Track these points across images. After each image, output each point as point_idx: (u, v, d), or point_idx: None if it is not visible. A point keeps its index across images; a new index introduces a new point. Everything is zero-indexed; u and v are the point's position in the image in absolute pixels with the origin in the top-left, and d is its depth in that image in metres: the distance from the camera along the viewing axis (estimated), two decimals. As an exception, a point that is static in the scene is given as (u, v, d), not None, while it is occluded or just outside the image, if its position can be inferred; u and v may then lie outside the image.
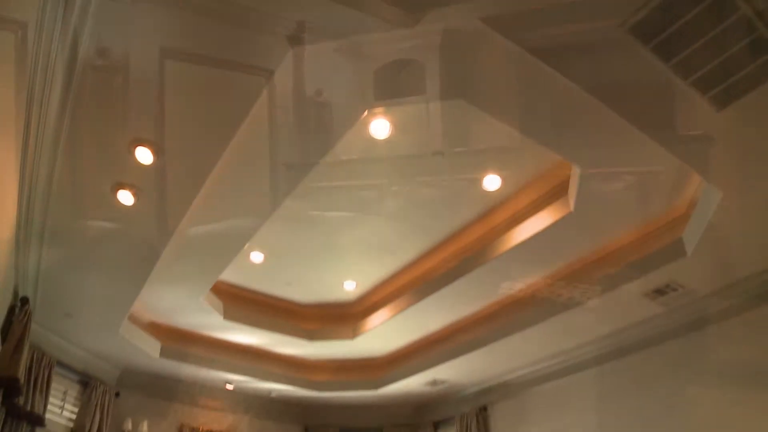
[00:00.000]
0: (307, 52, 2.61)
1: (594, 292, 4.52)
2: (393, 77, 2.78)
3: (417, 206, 4.58)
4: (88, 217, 3.84)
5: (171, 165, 3.32)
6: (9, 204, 3.15)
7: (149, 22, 2.48)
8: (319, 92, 2.92)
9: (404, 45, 2.58)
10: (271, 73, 2.70)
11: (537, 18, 2.38)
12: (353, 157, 3.92)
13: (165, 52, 2.62)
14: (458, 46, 2.57)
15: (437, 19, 2.42)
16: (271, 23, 2.45)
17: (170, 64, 2.67)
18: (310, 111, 3.05)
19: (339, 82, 2.87)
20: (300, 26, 2.47)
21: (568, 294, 4.64)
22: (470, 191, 4.39)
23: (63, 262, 4.31)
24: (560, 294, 4.69)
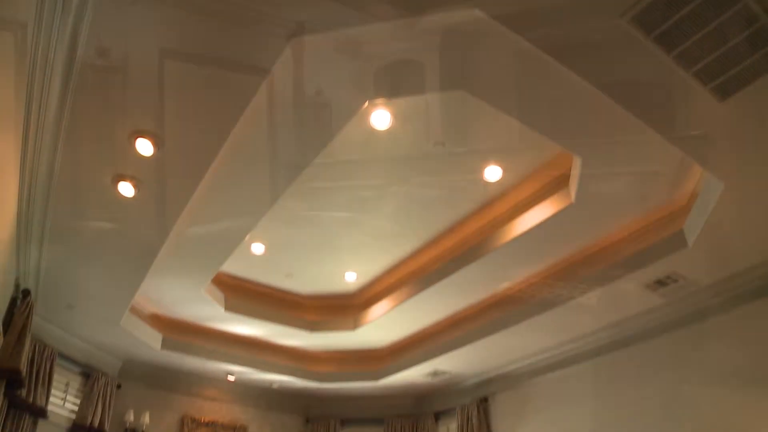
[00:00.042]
0: (307, 44, 2.59)
1: (595, 284, 4.52)
2: (393, 69, 2.77)
3: (418, 197, 4.58)
4: (89, 209, 3.84)
5: (171, 156, 3.32)
6: (10, 197, 3.15)
7: (148, 19, 2.47)
8: (319, 85, 2.91)
9: (405, 37, 2.57)
10: (270, 66, 2.69)
11: (538, 8, 2.36)
12: (354, 149, 3.92)
13: (163, 49, 2.61)
14: (459, 38, 2.56)
15: (438, 11, 2.41)
16: (271, 15, 2.44)
17: (169, 60, 2.66)
18: (310, 103, 3.04)
19: (339, 74, 2.85)
20: (299, 18, 2.45)
21: (569, 285, 4.65)
22: (471, 182, 4.38)
23: (64, 255, 4.32)
24: (561, 285, 4.69)
